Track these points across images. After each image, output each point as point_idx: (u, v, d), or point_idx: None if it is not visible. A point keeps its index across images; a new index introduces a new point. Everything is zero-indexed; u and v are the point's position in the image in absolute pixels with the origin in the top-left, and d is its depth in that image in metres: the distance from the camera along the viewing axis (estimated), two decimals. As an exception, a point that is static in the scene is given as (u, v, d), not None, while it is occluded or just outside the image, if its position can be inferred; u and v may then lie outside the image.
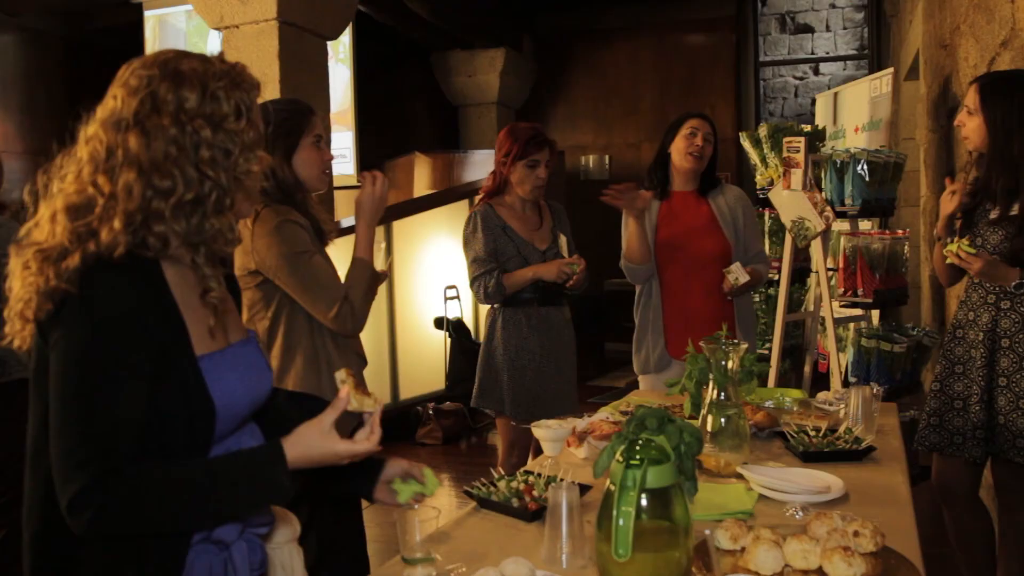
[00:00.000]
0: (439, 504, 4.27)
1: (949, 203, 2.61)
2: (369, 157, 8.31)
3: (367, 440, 1.34)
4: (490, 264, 3.09)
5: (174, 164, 1.25)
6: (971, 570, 2.74)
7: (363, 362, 2.45)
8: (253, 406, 1.40)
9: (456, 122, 9.59)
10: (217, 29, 5.21)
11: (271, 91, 4.95)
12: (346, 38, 7.84)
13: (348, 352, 2.35)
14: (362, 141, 8.24)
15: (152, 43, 7.29)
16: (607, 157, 9.78)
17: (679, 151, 3.10)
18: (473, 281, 3.14)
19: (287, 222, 2.21)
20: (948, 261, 2.54)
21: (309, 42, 5.27)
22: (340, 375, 1.37)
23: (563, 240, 3.22)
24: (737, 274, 2.97)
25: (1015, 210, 2.46)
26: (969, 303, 2.60)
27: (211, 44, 6.87)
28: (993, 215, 2.51)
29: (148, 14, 7.38)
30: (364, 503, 2.41)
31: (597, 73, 9.82)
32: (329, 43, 5.56)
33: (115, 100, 1.28)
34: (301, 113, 2.34)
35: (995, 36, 3.35)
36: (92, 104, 1.31)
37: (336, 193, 6.01)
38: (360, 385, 1.38)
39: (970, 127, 2.56)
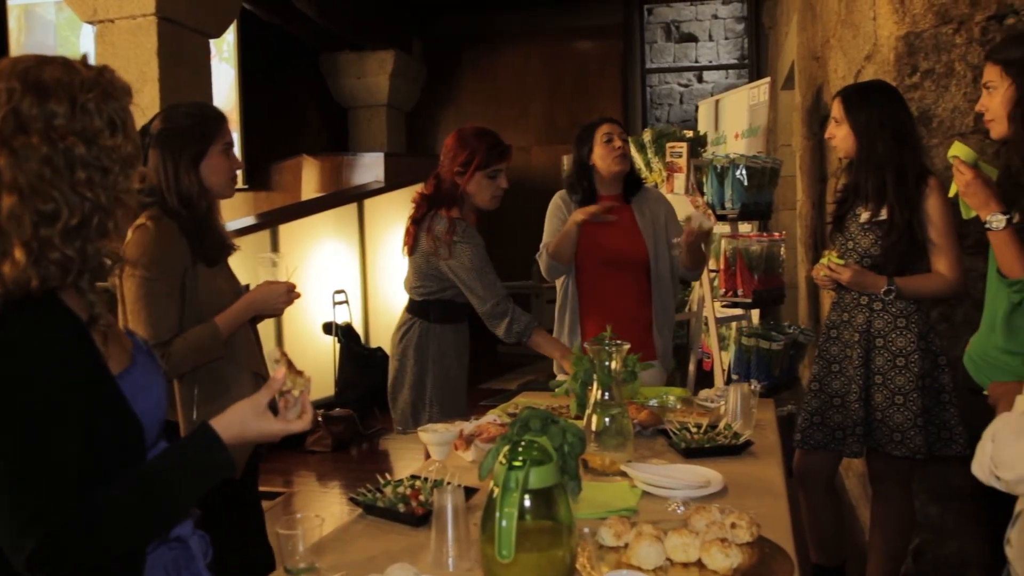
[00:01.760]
0: (325, 512, 4.19)
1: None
2: (256, 159, 8.10)
3: (300, 419, 1.38)
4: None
5: (51, 186, 1.16)
6: (821, 550, 2.90)
7: (259, 380, 2.38)
8: (163, 419, 1.39)
9: (345, 124, 9.47)
10: (90, 23, 4.97)
11: (150, 90, 4.76)
12: (230, 36, 7.63)
13: (244, 372, 2.27)
14: (248, 143, 8.02)
15: (17, 36, 6.89)
16: (497, 161, 9.83)
17: (603, 158, 3.04)
18: (494, 316, 2.84)
19: (159, 243, 2.13)
20: (822, 274, 2.65)
21: (190, 40, 5.09)
22: (274, 354, 1.43)
23: None
24: (700, 220, 2.85)
25: (883, 214, 2.59)
26: (842, 304, 2.73)
27: (84, 39, 6.55)
28: (864, 218, 2.64)
29: (12, 3, 6.92)
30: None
31: (487, 77, 9.87)
32: (212, 42, 5.39)
33: None
34: (212, 119, 2.25)
35: (860, 50, 3.53)
36: None
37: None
38: (291, 365, 1.42)
39: (839, 136, 2.70)
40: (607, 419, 1.85)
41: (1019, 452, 1.31)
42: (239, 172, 2.39)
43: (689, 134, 4.52)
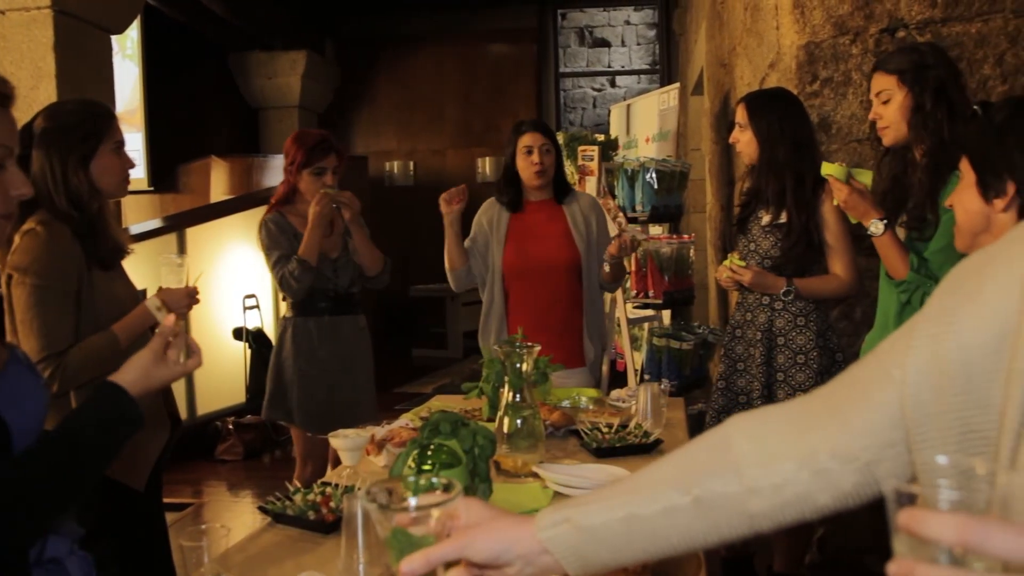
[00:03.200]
0: (237, 522, 4.10)
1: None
2: (162, 160, 7.86)
3: (192, 359, 1.50)
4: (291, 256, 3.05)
5: None
6: (727, 545, 2.97)
7: (168, 391, 2.31)
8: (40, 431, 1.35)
9: (256, 125, 9.27)
10: (-20, 16, 4.75)
11: (47, 86, 4.56)
12: (134, 33, 7.38)
13: None
14: (153, 143, 7.78)
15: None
16: (412, 164, 9.79)
17: (522, 169, 3.04)
18: (280, 280, 3.04)
19: (50, 248, 2.04)
20: (725, 275, 2.73)
21: (90, 35, 4.90)
22: (154, 303, 1.55)
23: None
24: (633, 235, 2.95)
25: (783, 217, 2.68)
26: (746, 304, 2.81)
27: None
28: (765, 221, 2.73)
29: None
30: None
31: (402, 79, 9.81)
32: (115, 38, 5.20)
33: None
34: (100, 116, 2.15)
35: (764, 58, 3.65)
36: None
37: (124, 198, 5.64)
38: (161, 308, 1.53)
39: (743, 141, 2.79)
40: (518, 421, 1.86)
41: None
42: (145, 173, 2.32)
43: (600, 138, 4.59)
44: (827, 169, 2.31)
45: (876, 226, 2.22)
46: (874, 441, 0.81)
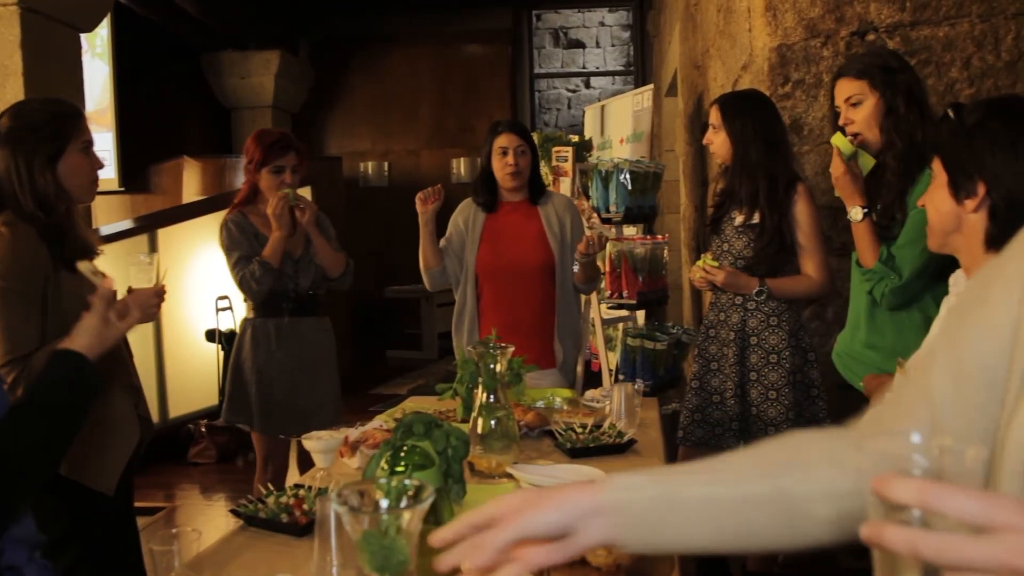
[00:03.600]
0: (209, 526, 4.06)
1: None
2: (133, 161, 7.78)
3: (132, 313, 1.65)
4: (252, 257, 3.04)
5: None
6: None
7: (138, 393, 2.29)
8: None
9: (229, 125, 9.19)
10: (-55, 13, 4.67)
11: (14, 85, 4.50)
12: (104, 31, 7.30)
13: (114, 385, 2.17)
14: (124, 143, 7.69)
15: None
16: (386, 164, 9.76)
17: (497, 170, 3.04)
18: (240, 281, 3.02)
19: (16, 249, 2.00)
20: (698, 276, 2.75)
21: (59, 33, 4.84)
22: (88, 267, 1.66)
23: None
24: (602, 230, 2.94)
25: (756, 218, 2.71)
26: (719, 304, 2.83)
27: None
28: (738, 221, 2.75)
29: None
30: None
31: (376, 80, 9.78)
32: (85, 36, 5.14)
33: None
34: (68, 116, 2.10)
35: (737, 60, 3.67)
36: None
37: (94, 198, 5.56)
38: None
39: (717, 142, 2.80)
40: (492, 421, 1.86)
41: None
42: (116, 174, 2.30)
43: (575, 138, 4.60)
44: (838, 140, 2.32)
45: (856, 212, 2.26)
46: None
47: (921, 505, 0.54)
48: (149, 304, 2.13)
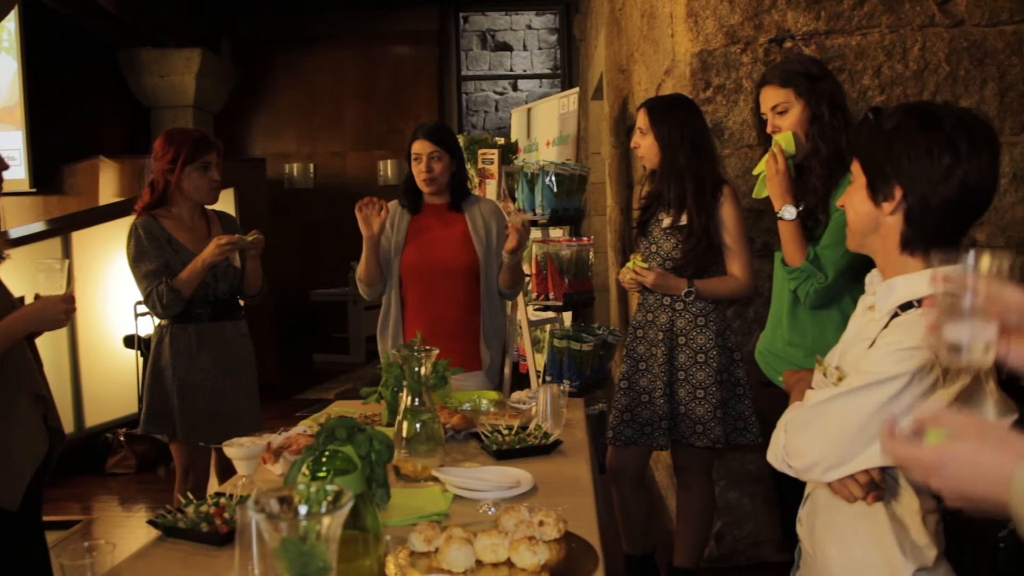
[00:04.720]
0: (129, 538, 3.94)
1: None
2: (45, 160, 7.50)
3: None
4: (162, 275, 2.89)
5: None
6: (630, 542, 3.04)
7: (46, 401, 2.20)
8: None
9: (148, 125, 8.93)
10: None
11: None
12: (11, 24, 7.03)
13: (21, 394, 2.08)
14: (35, 142, 7.41)
15: None
16: (312, 166, 9.62)
17: (415, 175, 3.00)
18: (147, 298, 2.91)
19: None
20: (628, 277, 2.78)
21: (-36, 28, 4.65)
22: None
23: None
24: (519, 217, 2.91)
25: (683, 220, 2.75)
26: (647, 305, 2.86)
27: None
28: (666, 223, 2.79)
29: None
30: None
31: (301, 80, 9.63)
32: (-9, 31, 4.95)
33: None
34: None
35: (660, 65, 3.73)
36: None
37: (3, 200, 5.35)
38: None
39: (644, 146, 2.83)
40: (417, 425, 1.85)
41: (808, 442, 1.41)
42: (27, 174, 2.21)
43: (501, 141, 4.61)
44: (781, 139, 2.35)
45: (789, 211, 2.31)
46: None
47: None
48: (57, 312, 2.06)
